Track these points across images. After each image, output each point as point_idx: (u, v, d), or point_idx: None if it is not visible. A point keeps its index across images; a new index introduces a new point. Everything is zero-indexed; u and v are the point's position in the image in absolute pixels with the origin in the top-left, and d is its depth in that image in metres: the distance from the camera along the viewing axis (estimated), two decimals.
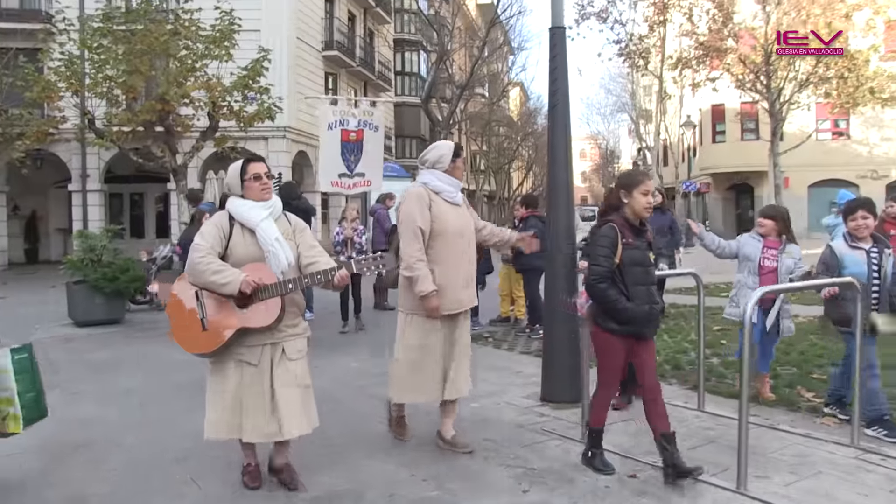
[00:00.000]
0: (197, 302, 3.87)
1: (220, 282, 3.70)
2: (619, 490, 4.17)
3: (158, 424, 5.68)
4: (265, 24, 22.62)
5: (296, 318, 4.06)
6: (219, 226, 3.93)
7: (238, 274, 3.71)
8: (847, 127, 35.70)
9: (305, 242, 4.07)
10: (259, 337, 3.87)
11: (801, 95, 24.42)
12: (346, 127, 12.32)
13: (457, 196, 4.88)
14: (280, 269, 3.85)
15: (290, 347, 3.96)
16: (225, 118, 17.68)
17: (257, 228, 3.88)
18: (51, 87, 17.34)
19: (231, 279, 3.69)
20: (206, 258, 3.75)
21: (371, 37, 33.65)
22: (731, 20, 23.48)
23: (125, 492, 4.26)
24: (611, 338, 4.23)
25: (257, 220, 3.89)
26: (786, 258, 5.92)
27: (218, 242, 3.87)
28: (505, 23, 33.93)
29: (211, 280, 3.71)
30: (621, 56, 27.44)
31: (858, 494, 4.03)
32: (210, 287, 3.76)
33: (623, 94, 50.36)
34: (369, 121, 12.52)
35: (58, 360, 8.32)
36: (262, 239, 3.87)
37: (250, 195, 3.97)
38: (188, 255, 3.83)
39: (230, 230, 3.92)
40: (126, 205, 27.47)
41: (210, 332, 3.84)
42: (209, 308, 3.85)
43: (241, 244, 3.89)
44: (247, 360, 3.88)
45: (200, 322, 3.85)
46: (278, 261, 3.84)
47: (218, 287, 3.72)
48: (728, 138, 37.08)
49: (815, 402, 5.91)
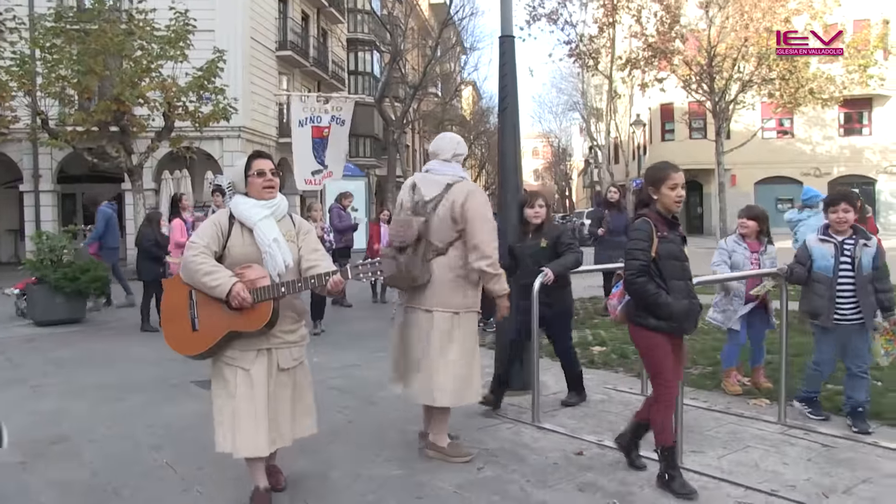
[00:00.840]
0: (189, 301, 3.74)
1: (211, 284, 3.60)
2: (566, 466, 4.53)
3: (128, 417, 5.89)
4: (220, 25, 22.62)
5: (293, 323, 3.91)
6: (217, 224, 3.80)
7: (229, 279, 3.60)
8: (791, 126, 36.94)
9: (308, 245, 3.94)
10: (251, 341, 3.74)
11: (746, 95, 25.27)
12: (318, 124, 12.33)
13: None
14: (276, 272, 3.73)
15: (283, 356, 3.84)
16: (180, 118, 17.72)
17: (255, 227, 3.74)
18: (2, 87, 17.17)
19: (221, 282, 3.59)
20: (199, 257, 3.65)
21: (325, 36, 33.72)
22: (677, 23, 24.18)
23: (106, 477, 4.49)
24: (654, 335, 4.07)
25: (256, 218, 3.76)
26: (765, 259, 6.07)
27: (215, 241, 3.74)
28: (458, 23, 34.31)
29: (202, 281, 3.61)
30: (571, 57, 28.00)
31: (781, 464, 4.47)
32: (201, 287, 3.65)
33: (574, 94, 51.11)
34: (338, 115, 12.59)
35: (21, 358, 8.45)
36: (259, 239, 3.74)
37: (253, 192, 3.84)
38: (184, 253, 3.77)
39: (229, 228, 3.79)
40: (79, 205, 27.11)
41: (200, 333, 3.72)
42: (201, 308, 3.72)
43: (240, 244, 3.77)
44: (239, 365, 3.73)
45: (191, 322, 3.73)
46: (275, 262, 3.72)
47: (208, 289, 3.62)
48: (677, 137, 38.00)
49: (749, 385, 6.36)
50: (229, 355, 3.75)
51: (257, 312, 3.64)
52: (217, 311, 3.67)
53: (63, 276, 10.58)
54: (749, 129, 30.18)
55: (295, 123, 11.99)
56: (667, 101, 35.56)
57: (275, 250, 3.73)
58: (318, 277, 3.69)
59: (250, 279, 3.64)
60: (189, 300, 3.74)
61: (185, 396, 6.47)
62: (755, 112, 29.61)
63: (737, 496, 3.98)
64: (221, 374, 3.78)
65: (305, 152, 12.40)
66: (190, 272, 3.66)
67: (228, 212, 3.86)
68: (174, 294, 3.82)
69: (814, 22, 23.12)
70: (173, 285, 3.85)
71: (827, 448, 4.75)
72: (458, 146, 4.75)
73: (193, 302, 3.73)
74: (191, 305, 3.74)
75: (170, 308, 3.85)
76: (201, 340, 3.72)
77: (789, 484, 4.13)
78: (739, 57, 23.35)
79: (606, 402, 6.04)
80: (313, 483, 4.32)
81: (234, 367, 3.74)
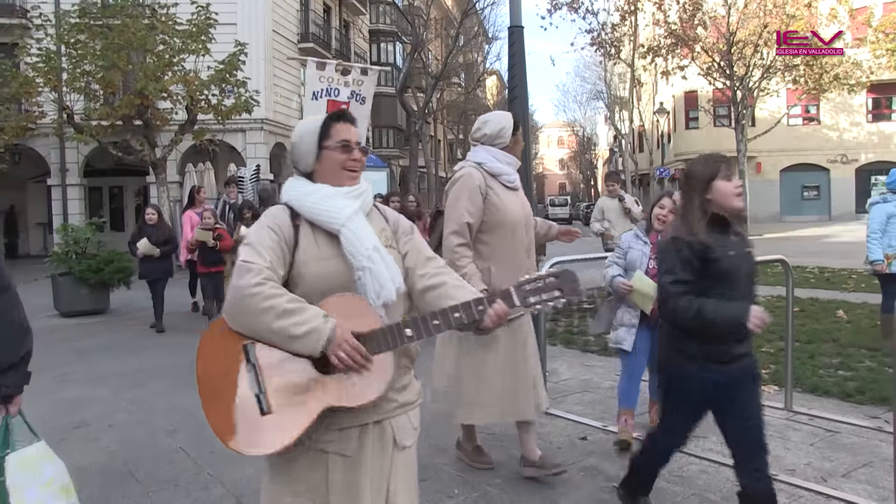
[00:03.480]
0: (246, 364, 2.16)
1: (294, 331, 2.07)
2: (569, 450, 4.62)
3: (147, 403, 6.08)
4: (241, 18, 22.84)
5: (406, 374, 2.41)
6: (278, 229, 2.26)
7: (324, 319, 2.09)
8: (818, 112, 36.44)
9: (418, 251, 2.45)
10: (357, 415, 2.22)
11: (770, 82, 25.03)
12: (336, 98, 10.17)
13: (516, 179, 4.13)
14: (382, 301, 2.24)
15: (402, 429, 2.36)
16: (203, 111, 17.99)
17: (343, 231, 2.26)
18: (28, 83, 17.54)
19: (313, 326, 2.07)
20: (266, 287, 2.10)
21: (347, 28, 33.85)
22: (699, 9, 23.99)
23: (122, 459, 4.67)
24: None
25: (344, 215, 2.28)
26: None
27: (279, 259, 2.21)
28: (480, 12, 34.30)
29: (277, 326, 2.08)
30: (593, 45, 27.89)
31: (783, 449, 4.51)
32: (271, 337, 2.11)
33: (598, 82, 50.85)
34: (358, 91, 10.50)
35: (46, 348, 8.68)
36: (351, 249, 2.24)
37: (327, 175, 2.35)
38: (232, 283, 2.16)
39: (294, 235, 2.27)
40: (105, 198, 27.59)
41: (277, 418, 2.13)
42: (268, 375, 2.14)
43: (316, 259, 2.25)
44: (337, 451, 2.23)
45: (256, 401, 2.14)
46: (381, 286, 2.23)
47: (288, 339, 2.09)
48: (701, 124, 37.70)
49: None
50: (320, 439, 2.22)
51: (374, 373, 2.15)
52: (299, 375, 2.15)
53: (87, 267, 10.83)
54: (774, 115, 29.86)
55: (308, 95, 10.02)
56: (690, 88, 35.26)
57: (378, 266, 2.24)
58: (467, 309, 2.21)
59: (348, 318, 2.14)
60: (245, 363, 2.17)
61: None
62: (780, 99, 29.33)
63: (735, 479, 4.02)
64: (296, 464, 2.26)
65: None
66: (251, 312, 2.10)
67: (288, 209, 2.32)
68: (218, 354, 2.22)
69: (840, 6, 22.82)
70: (214, 341, 2.24)
71: (830, 433, 4.79)
72: (484, 125, 4.14)
73: (254, 366, 2.15)
74: (250, 372, 2.15)
75: (212, 378, 2.22)
76: (280, 429, 2.13)
77: (789, 468, 4.18)
78: (762, 43, 23.11)
79: (615, 390, 6.09)
80: None
81: (327, 454, 2.23)
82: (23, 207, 27.92)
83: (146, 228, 9.73)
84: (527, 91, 6.61)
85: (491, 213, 3.92)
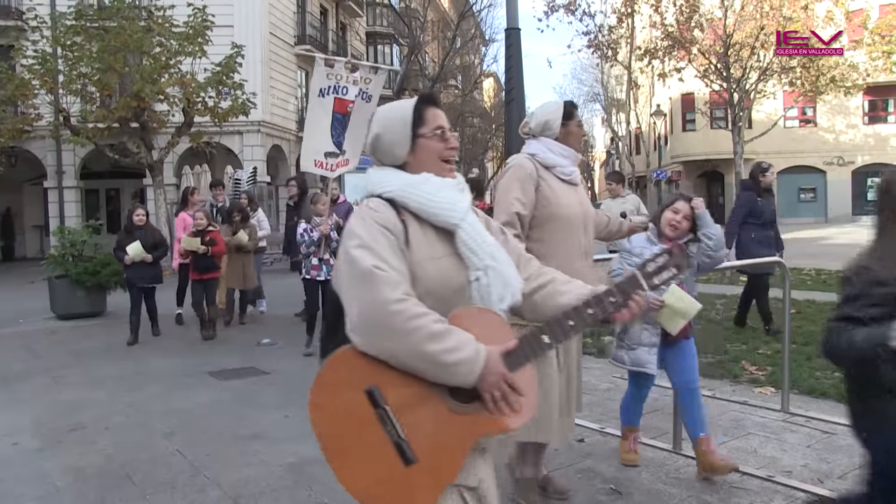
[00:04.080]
0: (376, 411, 1.80)
1: (446, 359, 1.75)
2: (566, 452, 4.61)
3: (144, 405, 6.05)
4: (238, 20, 22.85)
5: None
6: (391, 226, 1.92)
7: (476, 347, 1.79)
8: (814, 114, 36.50)
9: (517, 252, 2.25)
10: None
11: (767, 84, 25.06)
12: (343, 96, 9.71)
13: (574, 172, 3.78)
14: (505, 304, 2.00)
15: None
16: (200, 114, 18.00)
17: (462, 226, 1.99)
18: (24, 85, 17.53)
19: (467, 356, 1.77)
20: (409, 304, 1.78)
21: (343, 30, 33.88)
22: (696, 12, 24.02)
23: (119, 462, 4.65)
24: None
25: (462, 209, 2.02)
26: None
27: (402, 263, 1.88)
28: (477, 14, 34.32)
29: (424, 351, 1.75)
30: (590, 47, 27.90)
31: (779, 450, 4.51)
32: (417, 362, 1.77)
33: (595, 84, 50.90)
34: (366, 90, 9.96)
35: (43, 350, 8.68)
36: (471, 246, 1.98)
37: (428, 168, 2.05)
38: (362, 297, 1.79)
39: (405, 232, 1.93)
40: (102, 200, 27.54)
41: (426, 465, 1.81)
42: (406, 418, 1.81)
43: (430, 259, 1.94)
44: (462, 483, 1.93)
45: (398, 451, 1.79)
46: (504, 286, 1.99)
47: (436, 366, 1.77)
48: (698, 126, 37.72)
49: (756, 374, 6.40)
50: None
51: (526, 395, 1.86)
52: (438, 410, 1.83)
53: (84, 270, 10.81)
54: (771, 117, 29.87)
55: (314, 92, 9.58)
56: (687, 90, 35.27)
57: (502, 265, 2.01)
58: (599, 304, 1.99)
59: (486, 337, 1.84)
60: (374, 409, 1.80)
61: (201, 386, 6.65)
62: (777, 101, 29.34)
63: (732, 481, 4.03)
64: None
65: (322, 128, 9.85)
66: (395, 334, 1.76)
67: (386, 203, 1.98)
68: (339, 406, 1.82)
69: (836, 8, 22.84)
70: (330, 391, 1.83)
71: (827, 435, 4.79)
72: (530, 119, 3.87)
73: (385, 411, 1.79)
74: (383, 417, 1.79)
75: (339, 435, 1.82)
76: (432, 475, 1.83)
77: (785, 470, 4.18)
78: (759, 45, 23.13)
79: (613, 391, 6.10)
80: (318, 469, 4.43)
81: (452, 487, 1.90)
82: (19, 210, 27.85)
83: (135, 231, 9.08)
84: (524, 93, 6.64)
85: (542, 205, 3.58)
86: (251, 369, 7.29)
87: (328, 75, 9.72)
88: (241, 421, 5.46)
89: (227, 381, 6.82)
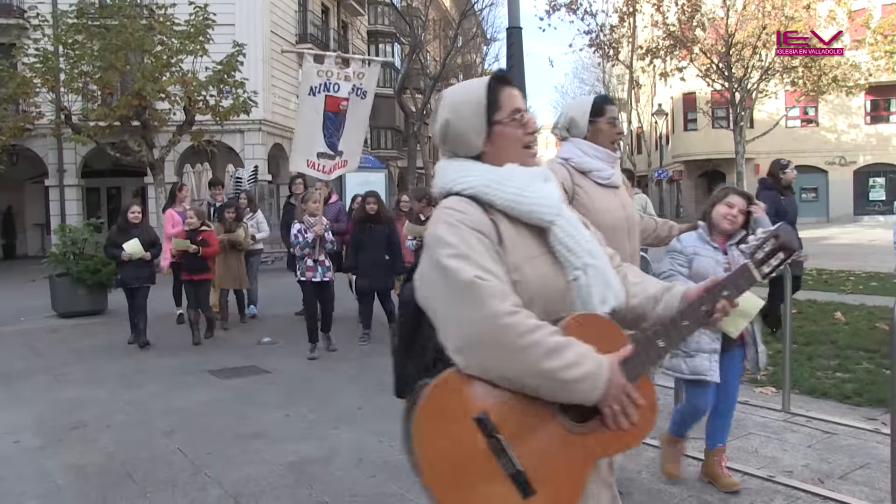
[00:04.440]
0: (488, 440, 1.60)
1: (567, 376, 1.60)
2: None
3: (145, 404, 6.06)
4: (239, 19, 22.83)
5: None
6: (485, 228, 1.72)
7: (596, 359, 1.64)
8: (816, 114, 36.43)
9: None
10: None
11: (769, 84, 25.05)
12: (335, 93, 9.25)
13: (612, 175, 3.50)
14: (609, 306, 1.82)
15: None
16: (201, 112, 17.99)
17: (558, 222, 1.82)
18: (26, 84, 17.53)
19: (590, 371, 1.62)
20: (521, 317, 1.62)
21: (345, 29, 33.85)
22: (698, 11, 24.00)
23: (120, 460, 4.66)
24: None
25: (556, 203, 1.85)
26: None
27: (503, 269, 1.70)
28: (478, 13, 34.32)
29: (543, 368, 1.59)
30: (592, 47, 27.88)
31: (780, 450, 4.51)
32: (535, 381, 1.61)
33: (596, 84, 50.84)
34: (359, 85, 9.47)
35: (45, 348, 8.68)
36: (569, 244, 1.81)
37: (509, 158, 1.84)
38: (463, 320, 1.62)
39: (498, 234, 1.73)
40: (103, 199, 27.52)
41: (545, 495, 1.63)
42: (520, 446, 1.62)
43: (527, 260, 1.76)
44: None
45: (515, 483, 1.61)
46: (606, 286, 1.83)
47: (556, 384, 1.61)
48: (699, 126, 37.67)
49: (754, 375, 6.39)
50: None
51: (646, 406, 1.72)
52: (553, 433, 1.67)
53: (85, 268, 10.81)
54: (773, 117, 29.85)
55: (304, 90, 9.19)
56: (689, 90, 35.23)
57: (602, 262, 1.86)
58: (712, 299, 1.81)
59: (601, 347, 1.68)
60: (483, 434, 1.61)
61: (201, 385, 6.65)
62: (779, 100, 29.31)
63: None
64: None
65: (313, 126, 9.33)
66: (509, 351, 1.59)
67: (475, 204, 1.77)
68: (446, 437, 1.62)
69: (839, 7, 22.82)
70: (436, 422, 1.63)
71: (828, 435, 4.79)
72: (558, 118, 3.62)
73: (498, 440, 1.60)
74: (496, 448, 1.60)
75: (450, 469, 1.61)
76: None
77: (786, 470, 4.18)
78: (760, 45, 23.12)
79: None
80: (318, 468, 4.44)
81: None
82: (20, 208, 27.84)
83: (131, 229, 8.70)
84: (525, 92, 6.62)
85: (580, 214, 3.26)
86: (252, 368, 7.30)
87: (318, 72, 9.30)
88: (242, 419, 5.47)
89: (227, 380, 6.83)
